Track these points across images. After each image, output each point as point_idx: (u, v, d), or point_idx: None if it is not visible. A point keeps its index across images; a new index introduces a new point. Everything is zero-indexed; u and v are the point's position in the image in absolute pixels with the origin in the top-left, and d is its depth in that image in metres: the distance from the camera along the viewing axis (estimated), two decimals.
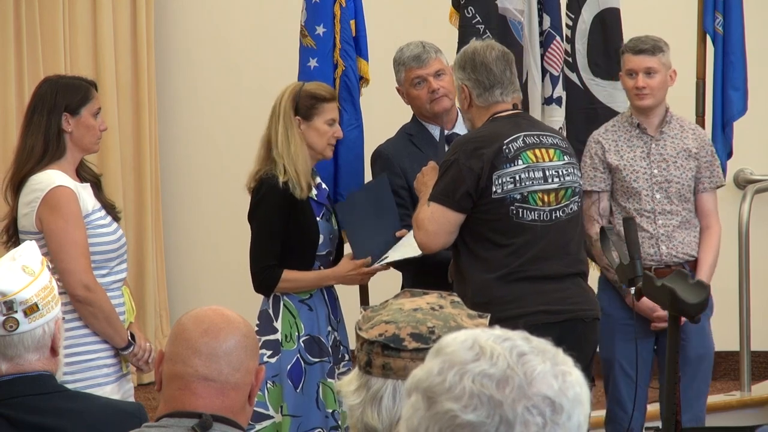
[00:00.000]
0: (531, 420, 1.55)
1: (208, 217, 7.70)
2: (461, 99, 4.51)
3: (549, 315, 4.32)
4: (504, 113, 4.45)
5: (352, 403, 2.16)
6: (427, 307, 2.22)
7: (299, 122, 4.81)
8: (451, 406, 1.55)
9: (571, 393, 1.58)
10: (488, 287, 4.32)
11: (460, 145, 4.41)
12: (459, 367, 1.58)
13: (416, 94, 5.07)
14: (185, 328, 2.52)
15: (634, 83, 5.16)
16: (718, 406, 6.01)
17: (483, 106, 4.45)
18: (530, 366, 1.57)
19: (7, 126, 7.07)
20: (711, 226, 5.23)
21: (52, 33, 7.19)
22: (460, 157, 4.34)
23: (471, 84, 4.45)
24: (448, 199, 4.35)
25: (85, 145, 4.34)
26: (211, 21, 7.70)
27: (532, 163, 4.37)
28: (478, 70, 4.44)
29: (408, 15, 7.32)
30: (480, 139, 4.37)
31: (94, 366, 4.27)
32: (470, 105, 4.47)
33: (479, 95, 4.44)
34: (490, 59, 4.45)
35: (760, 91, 6.57)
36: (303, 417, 4.77)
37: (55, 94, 4.31)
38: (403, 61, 5.09)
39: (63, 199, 4.22)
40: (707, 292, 3.47)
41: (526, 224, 4.35)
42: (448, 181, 4.35)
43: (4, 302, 2.87)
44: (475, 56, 4.46)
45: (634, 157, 5.16)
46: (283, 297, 4.83)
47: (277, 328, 4.80)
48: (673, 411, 3.51)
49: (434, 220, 4.37)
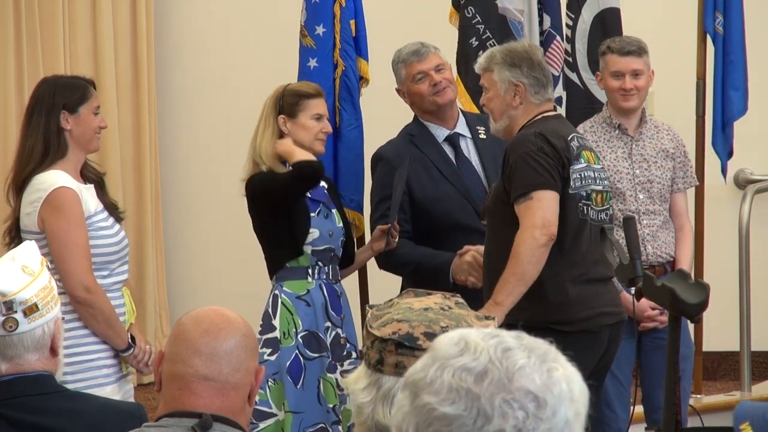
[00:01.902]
0: (510, 413, 1.54)
1: (208, 217, 7.70)
2: (508, 96, 4.45)
3: (609, 317, 4.44)
4: (550, 113, 4.49)
5: (361, 401, 2.15)
6: (436, 307, 2.21)
7: (284, 121, 4.86)
8: (429, 399, 1.56)
9: (557, 389, 1.57)
10: (564, 288, 4.35)
11: (528, 141, 4.33)
12: (441, 362, 1.59)
13: (418, 90, 5.05)
14: (185, 329, 2.53)
15: (620, 84, 5.16)
16: (718, 406, 6.00)
17: (536, 103, 4.45)
18: (512, 361, 1.57)
19: (7, 126, 7.07)
20: (684, 226, 5.29)
21: (52, 33, 7.19)
22: (536, 148, 4.30)
23: (529, 81, 4.44)
24: (550, 183, 4.29)
25: (86, 142, 4.34)
26: (211, 21, 7.70)
27: (587, 164, 4.43)
28: (535, 68, 4.46)
29: (408, 15, 7.32)
30: (548, 133, 4.36)
31: (94, 366, 4.27)
32: (521, 102, 4.45)
33: (537, 92, 4.44)
34: (541, 58, 4.52)
35: (760, 91, 6.57)
36: (305, 413, 4.78)
37: (53, 94, 4.31)
38: (403, 58, 5.08)
39: (65, 200, 4.22)
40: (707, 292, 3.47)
41: (588, 222, 4.40)
42: (539, 168, 4.29)
43: (3, 302, 2.87)
44: (530, 55, 4.48)
45: (616, 158, 5.16)
46: (281, 294, 4.85)
47: (275, 326, 4.82)
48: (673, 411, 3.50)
49: (548, 207, 4.28)
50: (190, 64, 7.71)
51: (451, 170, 5.02)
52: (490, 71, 4.50)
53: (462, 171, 5.03)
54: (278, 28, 7.35)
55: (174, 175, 7.73)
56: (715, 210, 6.50)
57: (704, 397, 6.19)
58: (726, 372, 7.28)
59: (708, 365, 7.01)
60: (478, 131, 5.08)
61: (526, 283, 4.24)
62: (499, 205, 4.39)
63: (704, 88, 6.05)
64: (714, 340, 6.63)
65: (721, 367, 7.33)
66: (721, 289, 5.17)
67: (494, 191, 4.49)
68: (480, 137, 5.08)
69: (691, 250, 5.30)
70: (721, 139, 6.00)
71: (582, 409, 1.60)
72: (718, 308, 5.22)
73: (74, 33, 7.31)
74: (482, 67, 4.55)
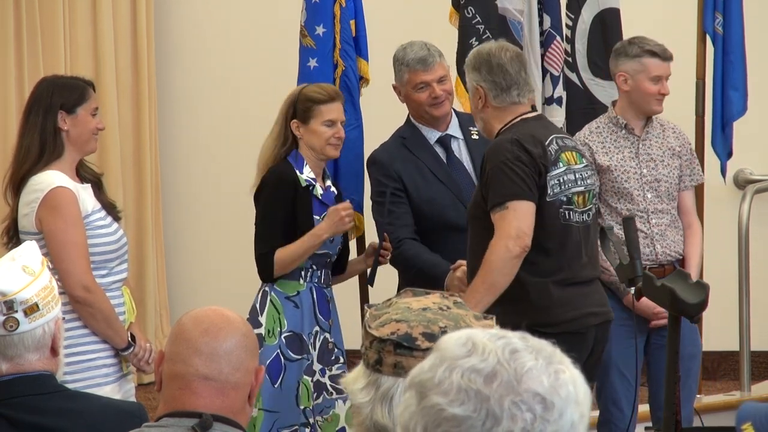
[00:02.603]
0: (519, 415, 1.55)
1: (208, 216, 7.70)
2: (474, 100, 4.47)
3: (596, 317, 4.44)
4: (529, 115, 4.45)
5: (360, 401, 2.15)
6: (435, 307, 2.21)
7: (297, 125, 4.88)
8: (438, 400, 1.57)
9: (564, 391, 1.58)
10: (548, 291, 4.34)
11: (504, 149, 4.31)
12: (450, 362, 1.59)
13: (417, 98, 5.04)
14: (185, 328, 2.53)
15: (659, 89, 5.13)
16: (718, 406, 6.01)
17: (500, 107, 4.42)
18: (521, 362, 1.58)
19: (7, 126, 7.07)
20: (693, 223, 5.28)
21: (52, 33, 7.19)
22: (512, 156, 4.28)
23: (487, 86, 4.41)
24: (526, 194, 4.27)
25: (83, 143, 4.34)
26: (211, 21, 7.70)
27: (567, 166, 4.41)
28: (494, 71, 4.41)
29: (408, 15, 7.32)
30: (524, 140, 4.33)
31: (94, 366, 4.27)
32: (485, 106, 4.44)
33: (496, 96, 4.41)
34: (506, 60, 4.43)
35: (760, 91, 6.57)
36: (280, 413, 4.81)
37: (51, 93, 4.31)
38: (407, 62, 5.04)
39: (62, 199, 4.22)
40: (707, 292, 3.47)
41: (573, 226, 4.39)
42: (515, 178, 4.27)
43: (4, 302, 2.87)
44: (491, 58, 4.43)
45: (623, 158, 5.16)
46: (271, 292, 4.87)
47: (261, 323, 4.85)
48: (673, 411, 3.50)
49: (524, 218, 4.26)
50: (190, 64, 7.70)
51: (443, 172, 5.02)
52: (466, 74, 4.53)
53: (453, 172, 5.04)
54: (278, 28, 7.34)
55: (174, 174, 7.73)
56: (715, 210, 6.50)
57: (704, 397, 6.19)
58: (726, 372, 7.28)
59: (708, 365, 7.01)
60: (470, 132, 5.08)
61: (495, 293, 4.24)
62: (478, 211, 4.38)
63: (704, 88, 6.05)
64: (714, 340, 6.64)
65: (721, 367, 7.33)
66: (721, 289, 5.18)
67: (474, 197, 4.48)
68: (472, 138, 5.07)
69: (701, 248, 5.28)
70: (720, 139, 6.00)
71: (586, 411, 1.60)
72: (718, 308, 5.22)
73: (74, 32, 7.30)
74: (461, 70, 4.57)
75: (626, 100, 5.21)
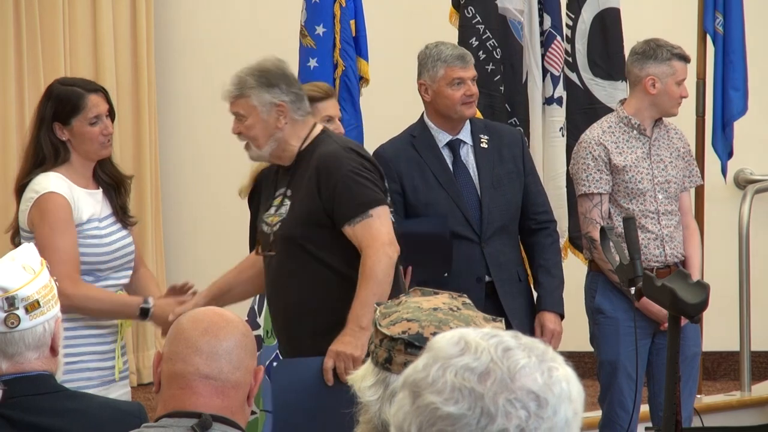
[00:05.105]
0: (513, 413, 1.56)
1: (208, 216, 7.70)
2: (272, 119, 4.21)
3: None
4: (319, 128, 4.29)
5: (368, 399, 2.16)
6: (445, 308, 2.21)
7: None
8: (432, 399, 1.57)
9: (557, 388, 1.58)
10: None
11: (345, 159, 4.15)
12: (443, 361, 1.59)
13: (450, 94, 4.91)
14: (184, 328, 2.53)
15: (680, 92, 5.13)
16: (718, 406, 6.02)
17: (301, 120, 4.24)
18: (514, 360, 1.58)
19: (6, 126, 7.06)
20: (691, 224, 5.28)
21: (52, 33, 7.19)
22: (358, 164, 4.15)
23: (290, 98, 4.21)
24: (382, 199, 4.17)
25: (86, 152, 4.28)
26: (211, 21, 7.70)
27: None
28: (292, 83, 4.25)
29: (408, 15, 7.32)
30: (354, 146, 4.26)
31: (75, 369, 4.16)
32: (286, 122, 4.20)
33: (298, 108, 4.22)
34: (291, 72, 4.31)
35: (760, 91, 6.57)
36: None
37: (47, 105, 4.28)
38: (445, 58, 4.92)
39: (50, 205, 4.20)
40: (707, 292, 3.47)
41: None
42: (369, 184, 4.14)
43: (5, 298, 2.87)
44: (283, 71, 4.27)
45: (636, 158, 5.13)
46: None
47: (259, 324, 4.85)
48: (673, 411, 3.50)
49: (388, 222, 4.16)
50: (190, 64, 7.70)
51: (446, 176, 4.96)
52: (245, 97, 4.25)
53: (457, 177, 4.98)
54: (278, 29, 7.34)
55: (174, 175, 7.73)
56: (715, 210, 6.50)
57: (704, 397, 6.20)
58: (726, 372, 7.28)
59: (708, 365, 7.02)
60: (480, 139, 5.01)
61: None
62: (310, 231, 4.17)
63: (704, 88, 6.05)
64: (714, 340, 6.63)
65: (721, 367, 7.33)
66: (721, 289, 5.18)
67: (296, 217, 4.21)
68: (481, 146, 5.00)
69: (701, 248, 5.27)
70: (721, 139, 6.01)
71: (580, 408, 1.61)
72: (718, 308, 5.22)
73: (74, 33, 7.30)
74: (233, 94, 4.29)
75: (647, 101, 5.11)
